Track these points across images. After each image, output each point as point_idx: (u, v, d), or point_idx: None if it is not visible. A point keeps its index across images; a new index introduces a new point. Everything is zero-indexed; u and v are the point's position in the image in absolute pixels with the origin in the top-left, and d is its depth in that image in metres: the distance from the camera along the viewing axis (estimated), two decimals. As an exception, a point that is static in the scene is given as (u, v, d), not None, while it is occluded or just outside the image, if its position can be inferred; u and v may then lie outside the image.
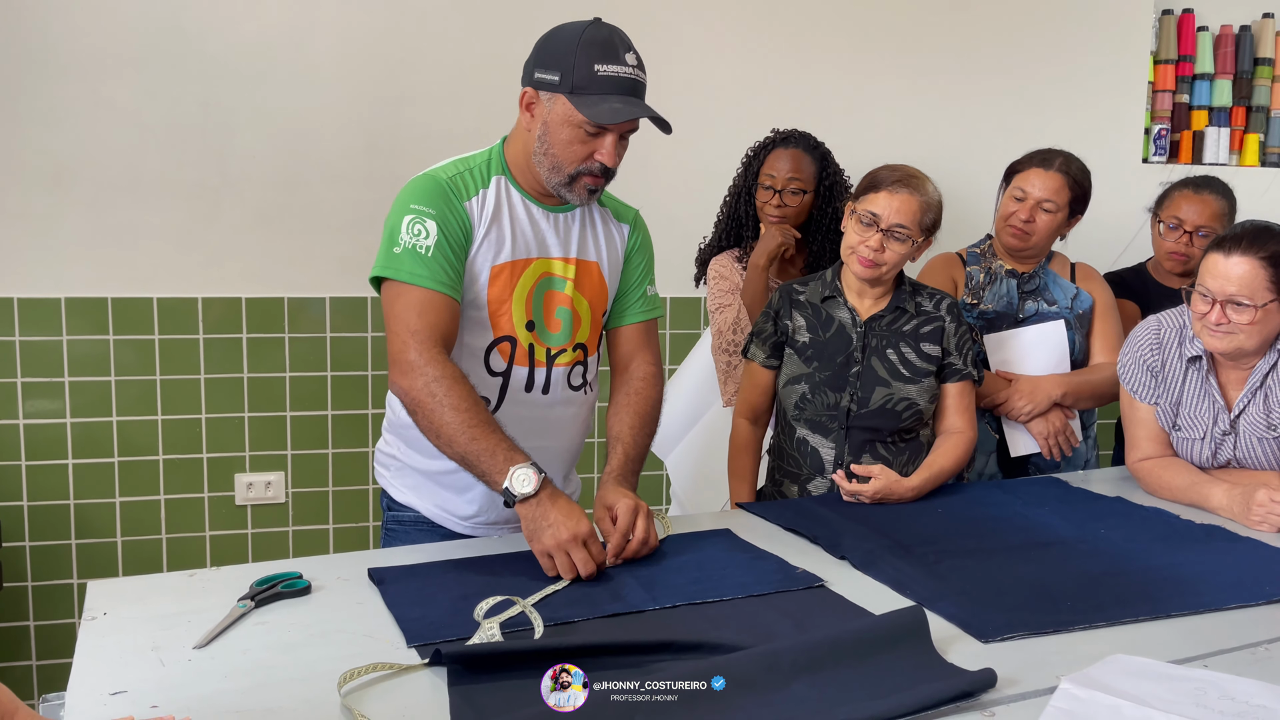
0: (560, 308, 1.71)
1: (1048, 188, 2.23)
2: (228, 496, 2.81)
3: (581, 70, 1.55)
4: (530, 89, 1.62)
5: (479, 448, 1.48)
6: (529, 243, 1.68)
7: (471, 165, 1.67)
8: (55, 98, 2.57)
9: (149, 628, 1.28)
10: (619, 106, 1.55)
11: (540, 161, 1.62)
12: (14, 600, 2.68)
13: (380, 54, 2.77)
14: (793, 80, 3.07)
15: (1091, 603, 1.39)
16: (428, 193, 1.61)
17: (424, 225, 1.58)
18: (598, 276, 1.76)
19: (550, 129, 1.59)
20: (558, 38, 1.60)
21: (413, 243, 1.57)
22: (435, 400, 1.50)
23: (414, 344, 1.53)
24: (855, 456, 1.96)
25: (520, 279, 1.67)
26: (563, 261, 1.71)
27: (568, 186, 1.63)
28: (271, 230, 2.75)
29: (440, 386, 1.50)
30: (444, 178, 1.63)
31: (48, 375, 2.64)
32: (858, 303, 2.01)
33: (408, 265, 1.56)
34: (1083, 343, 2.30)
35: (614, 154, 1.60)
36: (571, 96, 1.56)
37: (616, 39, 1.58)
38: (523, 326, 1.68)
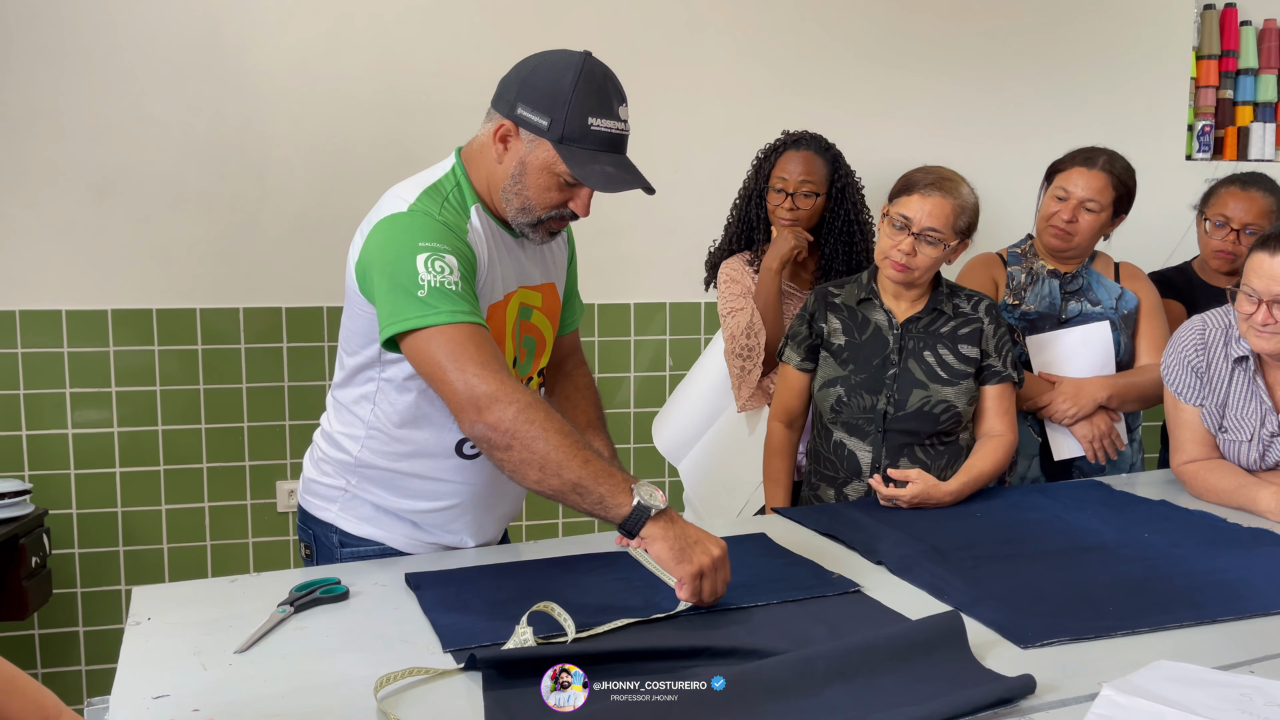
0: (526, 337, 1.64)
1: (1091, 187, 2.19)
2: (269, 504, 2.85)
3: (574, 121, 1.43)
4: (510, 123, 1.48)
5: (593, 470, 1.33)
6: (508, 275, 1.58)
7: (445, 193, 1.52)
8: (99, 114, 2.63)
9: (191, 632, 1.30)
10: (611, 171, 1.45)
11: (509, 199, 1.51)
12: (64, 606, 2.73)
13: (414, 66, 2.80)
14: (822, 81, 3.06)
15: (1134, 608, 1.37)
16: (428, 230, 1.44)
17: (444, 261, 1.41)
18: (556, 296, 1.70)
19: (527, 170, 1.48)
20: (548, 74, 1.46)
21: (439, 281, 1.39)
22: (535, 427, 1.33)
23: (489, 375, 1.35)
24: (893, 460, 1.94)
25: (507, 314, 1.57)
26: (533, 290, 1.63)
27: (532, 228, 1.53)
28: (310, 241, 2.79)
29: (537, 412, 1.34)
30: (434, 213, 1.47)
31: (95, 385, 2.70)
32: (894, 305, 1.99)
33: (444, 305, 1.38)
34: (1128, 344, 2.26)
35: (588, 206, 1.51)
36: (560, 146, 1.44)
37: (611, 87, 1.47)
38: (511, 364, 1.60)
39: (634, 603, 1.38)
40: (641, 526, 1.33)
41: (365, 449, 1.60)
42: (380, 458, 1.60)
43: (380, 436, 1.59)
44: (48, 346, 2.66)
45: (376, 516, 1.63)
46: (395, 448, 1.59)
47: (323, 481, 1.67)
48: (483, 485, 1.63)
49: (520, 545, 1.71)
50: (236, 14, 2.68)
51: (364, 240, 1.50)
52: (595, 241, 2.57)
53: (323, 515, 1.66)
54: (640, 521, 1.33)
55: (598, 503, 1.33)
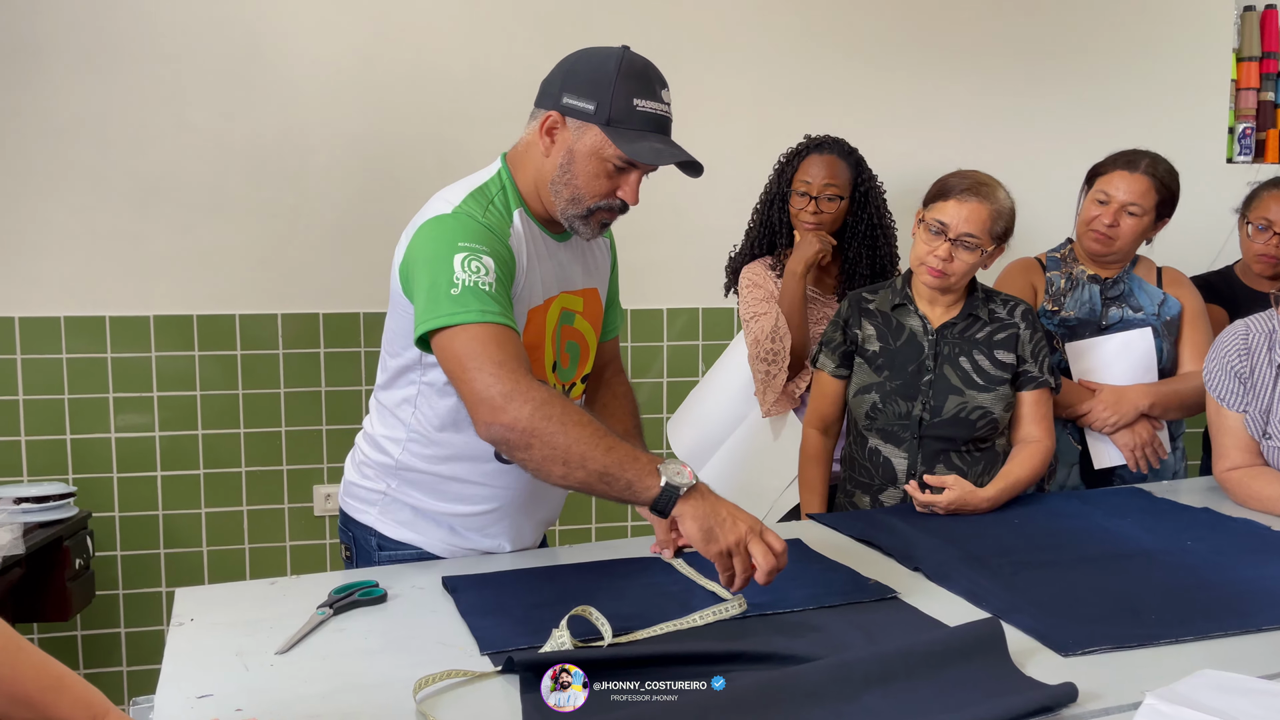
0: (570, 341, 1.64)
1: (1133, 190, 2.16)
2: (306, 507, 2.88)
3: (620, 103, 1.46)
4: (556, 113, 1.50)
5: (618, 456, 1.33)
6: (549, 280, 1.58)
7: (490, 196, 1.53)
8: (142, 121, 2.68)
9: (233, 633, 1.32)
10: (659, 147, 1.48)
11: (558, 191, 1.52)
12: (106, 607, 2.78)
13: (449, 74, 2.82)
14: (852, 86, 3.05)
15: (1178, 615, 1.35)
16: (470, 232, 1.45)
17: (480, 262, 1.42)
18: (599, 301, 1.71)
19: (576, 159, 1.49)
20: (590, 64, 1.50)
21: (474, 280, 1.40)
22: (553, 422, 1.32)
23: (505, 375, 1.35)
24: (928, 466, 1.93)
25: (547, 319, 1.58)
26: (574, 295, 1.64)
27: (583, 220, 1.54)
28: (347, 247, 2.82)
29: (554, 407, 1.33)
30: (477, 216, 1.49)
31: (137, 390, 2.75)
32: (929, 310, 1.98)
33: (475, 304, 1.39)
34: (1170, 350, 2.22)
35: (636, 192, 1.52)
36: (607, 129, 1.46)
37: (653, 74, 1.51)
38: (550, 369, 1.61)
39: (671, 609, 1.38)
40: (673, 506, 1.32)
41: (406, 452, 1.62)
42: (421, 460, 1.61)
43: (421, 439, 1.60)
44: (92, 352, 2.71)
45: (415, 520, 1.65)
46: (435, 451, 1.60)
47: (363, 485, 1.68)
48: (521, 490, 1.64)
49: (557, 550, 1.72)
50: (275, 23, 2.72)
51: (408, 241, 1.51)
52: (627, 246, 2.57)
53: (362, 518, 1.68)
54: (671, 501, 1.32)
55: (626, 488, 1.33)
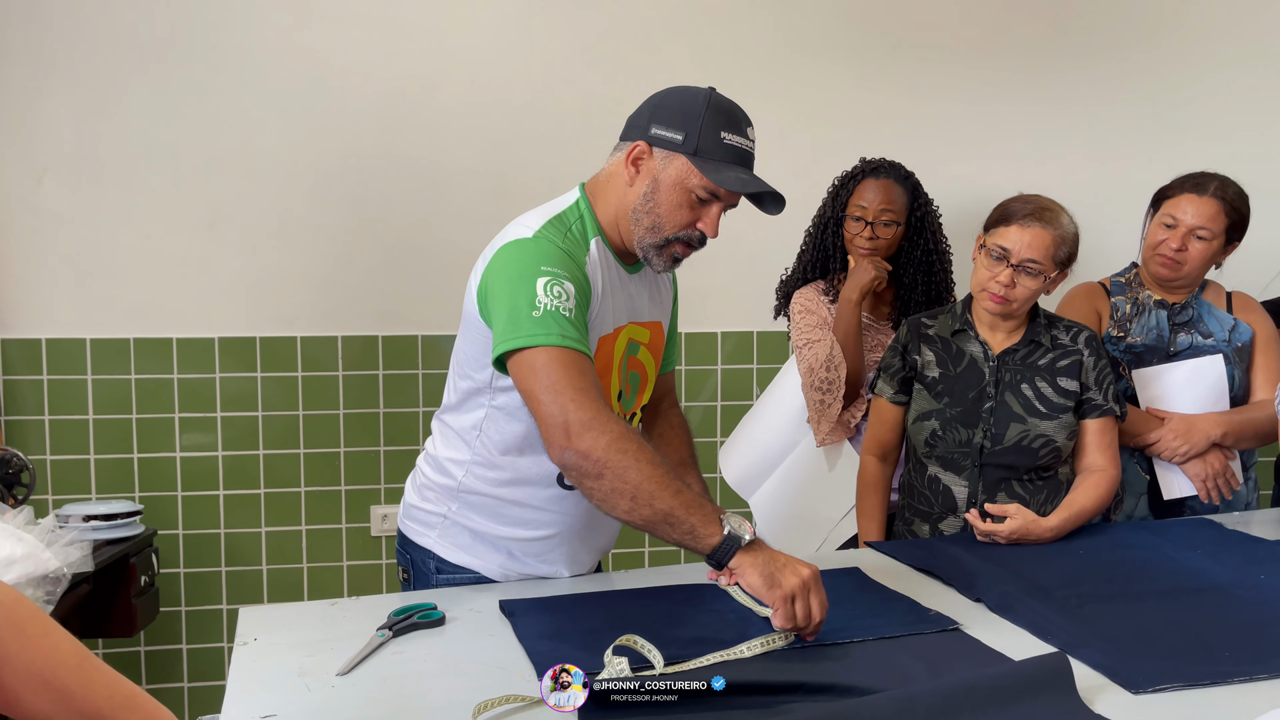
0: (633, 372, 1.65)
1: (1202, 214, 2.11)
2: (364, 528, 2.92)
3: (708, 135, 1.49)
4: (644, 143, 1.53)
5: (685, 501, 1.34)
6: (620, 310, 1.60)
7: (569, 224, 1.55)
8: (212, 151, 2.75)
9: (295, 654, 1.34)
10: (745, 177, 1.50)
11: (639, 220, 1.54)
12: (168, 624, 2.83)
13: (508, 99, 2.86)
14: (914, 108, 3.03)
15: (1251, 653, 1.31)
16: (551, 256, 1.47)
17: (562, 287, 1.43)
18: (662, 334, 1.72)
19: (660, 187, 1.52)
20: (680, 98, 1.54)
21: (555, 305, 1.41)
22: (628, 456, 1.33)
23: (586, 403, 1.36)
24: (990, 495, 1.90)
25: (615, 348, 1.60)
26: (642, 326, 1.66)
27: (658, 251, 1.55)
28: (406, 271, 2.87)
29: (630, 443, 1.35)
30: (557, 242, 1.51)
31: (202, 411, 2.81)
32: (989, 336, 1.96)
33: (557, 328, 1.40)
34: (1242, 378, 2.16)
35: (716, 225, 1.54)
36: (694, 159, 1.49)
37: (739, 112, 1.54)
38: (615, 398, 1.62)
39: (727, 636, 1.37)
40: (731, 557, 1.34)
41: (470, 474, 1.63)
42: (483, 484, 1.62)
43: (485, 463, 1.61)
44: (159, 373, 2.78)
45: (473, 544, 1.66)
46: (498, 474, 1.61)
47: (423, 507, 1.69)
48: (580, 517, 1.64)
49: (613, 575, 1.72)
50: (339, 53, 2.78)
51: (487, 263, 1.53)
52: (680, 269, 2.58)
53: (422, 541, 1.69)
54: (730, 552, 1.34)
55: (688, 533, 1.34)
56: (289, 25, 2.75)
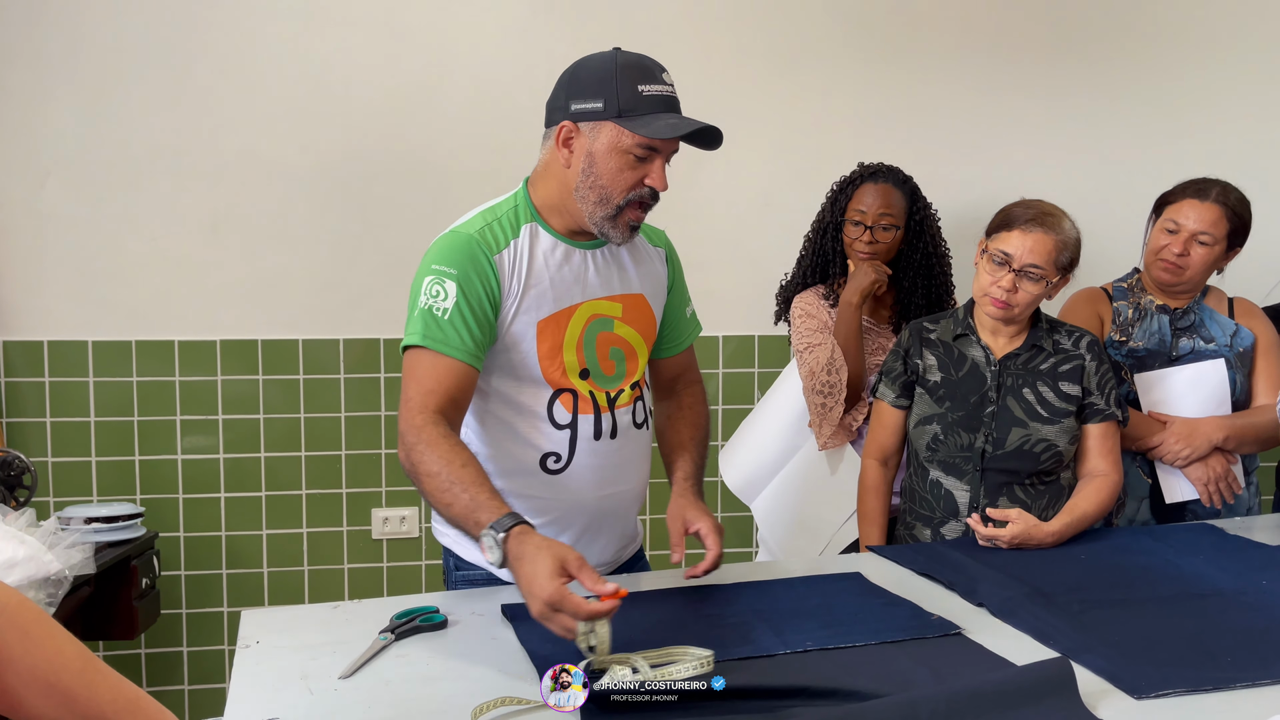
0: (613, 348, 1.66)
1: (1204, 219, 2.12)
2: (365, 530, 2.92)
3: (625, 93, 1.50)
4: (569, 122, 1.54)
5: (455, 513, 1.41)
6: (570, 288, 1.61)
7: (499, 214, 1.60)
8: (215, 152, 2.76)
9: (298, 657, 1.34)
10: (675, 121, 1.51)
11: (584, 196, 1.55)
12: (169, 626, 2.83)
13: (509, 102, 2.86)
14: (915, 114, 3.04)
15: (1255, 659, 1.31)
16: (452, 251, 1.54)
17: (443, 286, 1.51)
18: (646, 308, 1.72)
19: (596, 159, 1.53)
20: (588, 68, 1.56)
21: (430, 304, 1.51)
22: (416, 469, 1.45)
23: (405, 414, 1.48)
24: (991, 499, 1.90)
25: (568, 328, 1.61)
26: (608, 300, 1.66)
27: (612, 221, 1.56)
28: (408, 273, 2.81)
29: (416, 455, 1.44)
30: (470, 233, 1.56)
31: (203, 413, 2.81)
32: (991, 341, 1.96)
33: (420, 328, 1.51)
34: (1244, 383, 2.16)
35: (663, 177, 1.55)
36: (620, 120, 1.50)
37: (649, 62, 1.55)
38: (577, 376, 1.63)
39: (731, 639, 1.37)
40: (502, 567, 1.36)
41: None
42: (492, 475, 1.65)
43: (481, 455, 1.64)
44: (161, 375, 2.78)
45: None
46: (491, 466, 1.63)
47: None
48: (578, 502, 1.66)
49: (613, 580, 1.72)
50: (341, 56, 2.78)
51: None
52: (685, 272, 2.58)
53: (443, 541, 1.76)
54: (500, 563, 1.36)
55: None
56: (292, 29, 2.76)
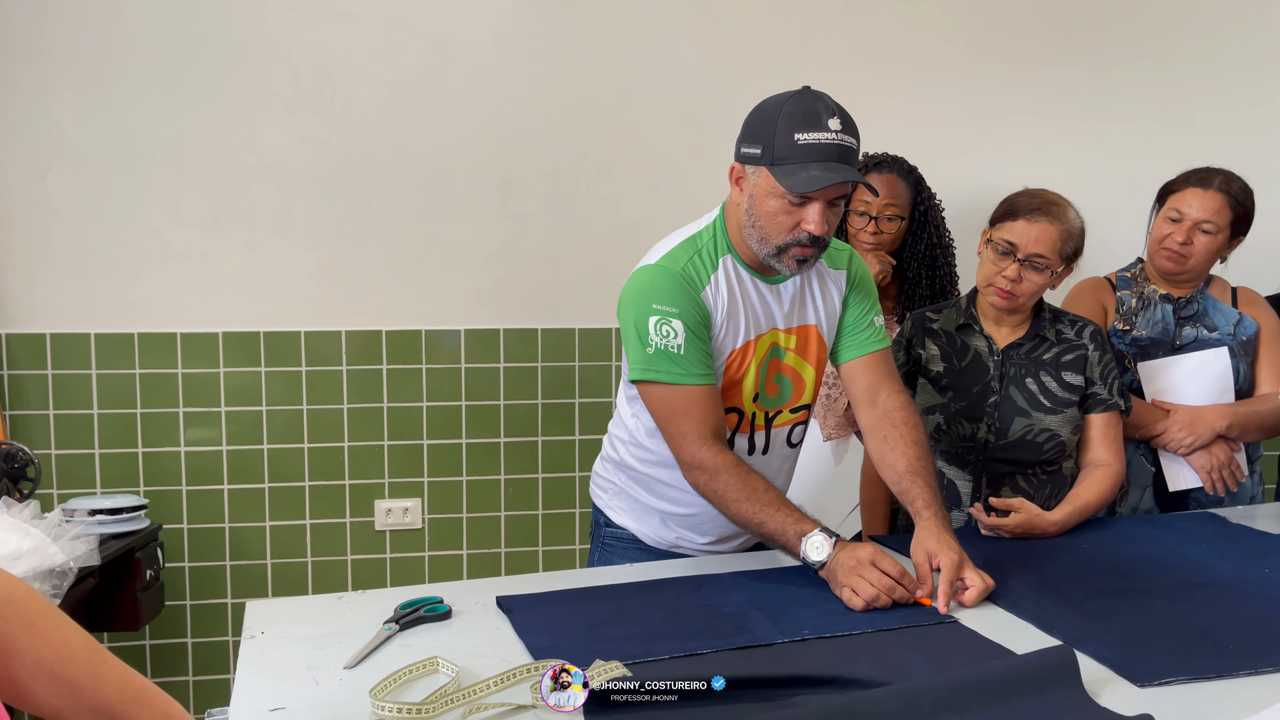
0: (779, 374, 1.74)
1: (1207, 208, 2.12)
2: (368, 522, 2.92)
3: (782, 141, 1.54)
4: (737, 164, 1.63)
5: (769, 530, 1.56)
6: (759, 319, 1.70)
7: (700, 247, 1.67)
8: (216, 145, 2.75)
9: (302, 647, 1.34)
10: (816, 174, 1.53)
11: (750, 234, 1.63)
12: (173, 618, 2.84)
13: (510, 95, 2.86)
14: (919, 102, 3.03)
15: (1257, 646, 1.31)
16: (667, 290, 1.62)
17: (670, 326, 1.60)
18: (817, 338, 1.76)
19: (756, 202, 1.59)
20: (762, 111, 1.60)
21: (664, 344, 1.60)
22: (718, 495, 1.59)
23: (686, 446, 1.61)
24: (994, 489, 1.90)
25: (753, 356, 1.70)
26: (785, 332, 1.73)
27: (777, 258, 1.62)
28: (409, 266, 2.87)
29: (718, 484, 1.59)
30: (679, 270, 1.63)
31: (206, 405, 2.81)
32: (994, 330, 1.96)
33: (665, 366, 1.61)
34: (1247, 371, 2.17)
35: (821, 222, 1.57)
36: (772, 168, 1.55)
37: (820, 105, 1.56)
38: (750, 400, 1.72)
39: (727, 629, 1.38)
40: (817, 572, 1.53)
41: (628, 451, 1.82)
42: (636, 461, 1.81)
43: (636, 444, 1.80)
44: (163, 367, 2.78)
45: (635, 509, 1.85)
46: (646, 455, 1.79)
47: (602, 474, 1.92)
48: None
49: (613, 569, 1.72)
50: (343, 48, 2.78)
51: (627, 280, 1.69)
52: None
53: (598, 501, 1.93)
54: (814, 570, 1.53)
55: (784, 549, 1.58)
56: (293, 21, 2.75)
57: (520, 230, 2.90)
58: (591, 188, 2.92)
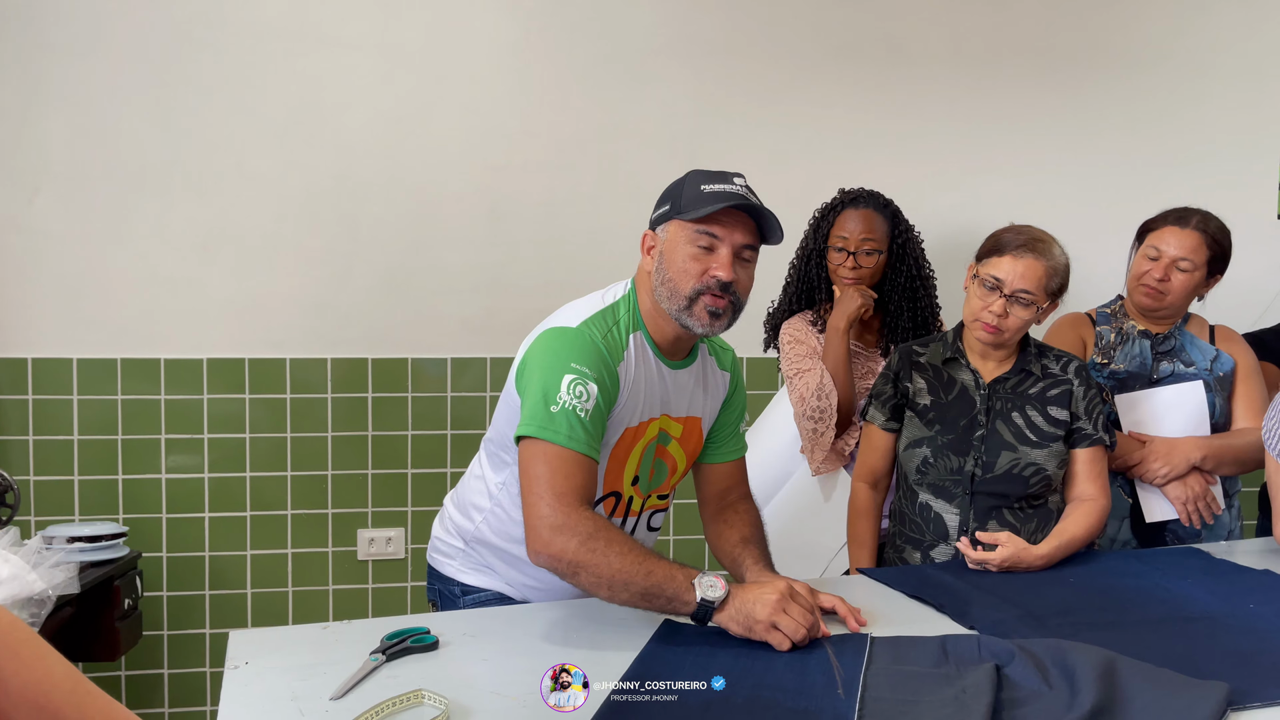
0: (659, 460, 1.72)
1: (1184, 246, 2.16)
2: (350, 551, 2.90)
3: (690, 192, 1.58)
4: (649, 231, 1.65)
5: (657, 579, 1.44)
6: (652, 403, 1.66)
7: (616, 320, 1.63)
8: (206, 171, 2.75)
9: (287, 678, 1.32)
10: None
11: (661, 294, 1.60)
12: (151, 648, 2.80)
13: (500, 125, 2.88)
14: (904, 140, 3.07)
15: (1245, 681, 1.31)
16: (587, 354, 1.55)
17: (585, 388, 1.52)
18: (698, 431, 1.77)
19: (666, 256, 1.59)
20: (671, 183, 1.65)
21: (574, 404, 1.51)
22: (597, 554, 1.44)
23: (560, 506, 1.46)
24: (981, 523, 1.90)
25: (641, 438, 1.66)
26: (676, 420, 1.71)
27: (687, 311, 1.58)
28: (397, 293, 2.87)
29: (598, 541, 1.45)
30: (597, 340, 1.58)
31: (189, 432, 2.79)
32: (981, 365, 1.97)
33: (565, 428, 1.50)
34: (1224, 406, 2.19)
35: (730, 266, 1.56)
36: (681, 215, 1.57)
37: (726, 171, 1.62)
38: (629, 482, 1.68)
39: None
40: (709, 618, 1.43)
41: (486, 523, 1.73)
42: (496, 536, 1.72)
43: (502, 517, 1.70)
44: (146, 394, 2.76)
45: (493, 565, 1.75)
46: (514, 530, 1.67)
47: (447, 540, 1.81)
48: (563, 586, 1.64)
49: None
50: (334, 76, 2.79)
51: (530, 342, 1.61)
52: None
53: (446, 570, 1.80)
54: (708, 614, 1.43)
55: (667, 604, 1.45)
56: (285, 48, 2.76)
57: (509, 259, 2.91)
58: (581, 218, 2.93)
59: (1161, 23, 3.19)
